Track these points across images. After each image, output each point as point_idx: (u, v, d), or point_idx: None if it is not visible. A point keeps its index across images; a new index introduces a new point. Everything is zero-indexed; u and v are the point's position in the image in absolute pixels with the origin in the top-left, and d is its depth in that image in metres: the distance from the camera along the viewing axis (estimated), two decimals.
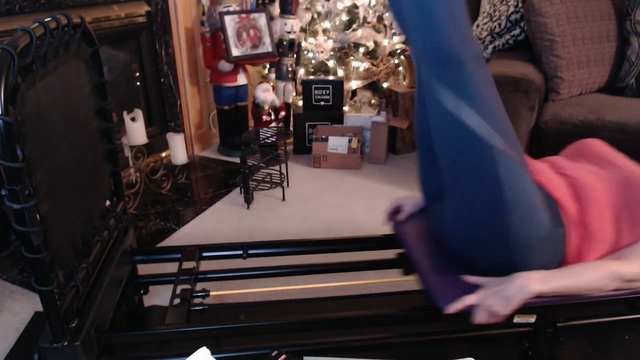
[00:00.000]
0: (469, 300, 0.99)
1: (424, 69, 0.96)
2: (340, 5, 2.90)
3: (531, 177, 0.98)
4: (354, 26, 2.94)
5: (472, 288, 1.02)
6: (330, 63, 2.97)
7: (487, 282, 1.02)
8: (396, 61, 3.06)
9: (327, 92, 2.76)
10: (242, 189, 2.33)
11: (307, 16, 2.91)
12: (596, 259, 1.04)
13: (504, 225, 0.97)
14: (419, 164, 1.20)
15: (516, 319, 1.10)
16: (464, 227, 1.05)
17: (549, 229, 0.99)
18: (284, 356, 0.89)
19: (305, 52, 2.96)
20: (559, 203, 1.02)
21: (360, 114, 2.88)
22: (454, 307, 0.99)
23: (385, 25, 3.02)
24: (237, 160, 2.72)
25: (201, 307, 1.16)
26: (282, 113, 2.77)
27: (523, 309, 1.09)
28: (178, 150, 2.44)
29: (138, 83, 2.56)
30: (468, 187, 0.99)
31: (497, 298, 0.97)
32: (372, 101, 3.12)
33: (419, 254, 1.17)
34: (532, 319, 1.10)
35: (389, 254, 1.37)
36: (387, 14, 2.99)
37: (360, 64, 2.98)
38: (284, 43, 2.72)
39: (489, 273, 1.04)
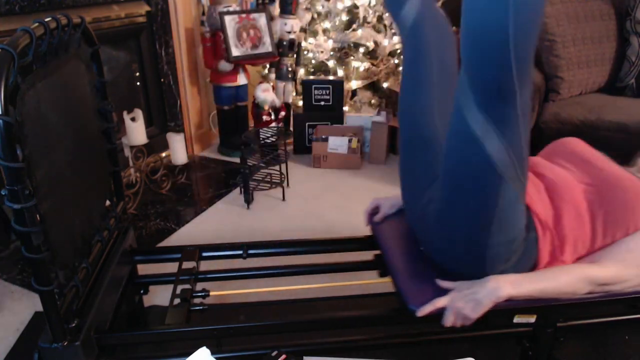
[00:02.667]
0: (440, 302, 0.98)
1: (464, 86, 0.87)
2: (340, 5, 2.89)
3: (524, 201, 0.97)
4: (354, 26, 2.94)
5: (445, 291, 1.02)
6: (330, 63, 2.97)
7: (458, 285, 1.01)
8: (396, 61, 3.05)
9: (327, 92, 2.76)
10: (242, 189, 2.33)
11: (307, 16, 2.91)
12: (572, 261, 1.03)
13: (485, 236, 0.96)
14: (401, 155, 1.17)
15: (516, 319, 1.10)
16: (446, 230, 1.03)
17: (523, 235, 0.98)
18: (284, 356, 0.89)
19: (305, 52, 2.96)
20: (531, 208, 1.00)
21: (360, 114, 2.88)
22: (426, 310, 0.98)
23: (385, 25, 3.02)
24: (237, 160, 2.72)
25: (201, 307, 1.16)
26: (282, 113, 2.77)
27: (523, 309, 1.09)
28: (178, 150, 2.44)
29: (138, 83, 2.56)
30: (463, 198, 0.96)
31: (467, 301, 0.96)
32: (372, 101, 3.12)
33: (394, 255, 1.17)
34: (532, 319, 1.10)
35: None
36: (387, 14, 2.99)
37: (360, 64, 2.98)
38: (284, 43, 2.72)
39: (462, 277, 1.03)
